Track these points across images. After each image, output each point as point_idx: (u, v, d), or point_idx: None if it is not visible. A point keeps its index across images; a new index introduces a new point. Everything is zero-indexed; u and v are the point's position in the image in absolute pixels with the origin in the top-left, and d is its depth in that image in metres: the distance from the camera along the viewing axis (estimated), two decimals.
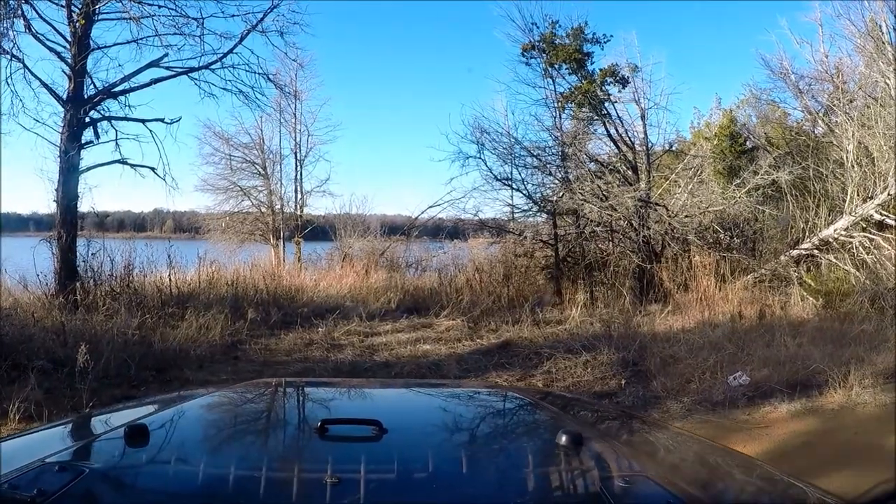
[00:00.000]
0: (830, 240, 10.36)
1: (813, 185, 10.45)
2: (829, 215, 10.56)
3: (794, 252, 10.48)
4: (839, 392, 5.59)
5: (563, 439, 1.32)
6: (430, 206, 11.83)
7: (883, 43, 10.58)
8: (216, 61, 8.66)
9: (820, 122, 10.72)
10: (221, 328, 7.64)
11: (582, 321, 9.35)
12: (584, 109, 11.46)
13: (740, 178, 10.68)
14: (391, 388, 2.65)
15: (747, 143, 11.83)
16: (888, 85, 10.02)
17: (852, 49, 10.65)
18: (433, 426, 1.66)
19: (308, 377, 5.81)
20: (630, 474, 1.25)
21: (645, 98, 10.93)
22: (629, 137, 11.17)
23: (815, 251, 10.43)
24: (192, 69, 8.66)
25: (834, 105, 10.31)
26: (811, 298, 10.04)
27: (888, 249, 10.08)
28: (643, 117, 10.95)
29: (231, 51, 8.68)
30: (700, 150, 12.05)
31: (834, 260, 10.26)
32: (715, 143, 11.90)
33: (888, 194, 9.95)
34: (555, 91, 11.67)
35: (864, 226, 10.34)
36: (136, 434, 1.33)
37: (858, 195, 10.23)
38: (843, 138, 10.18)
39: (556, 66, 11.64)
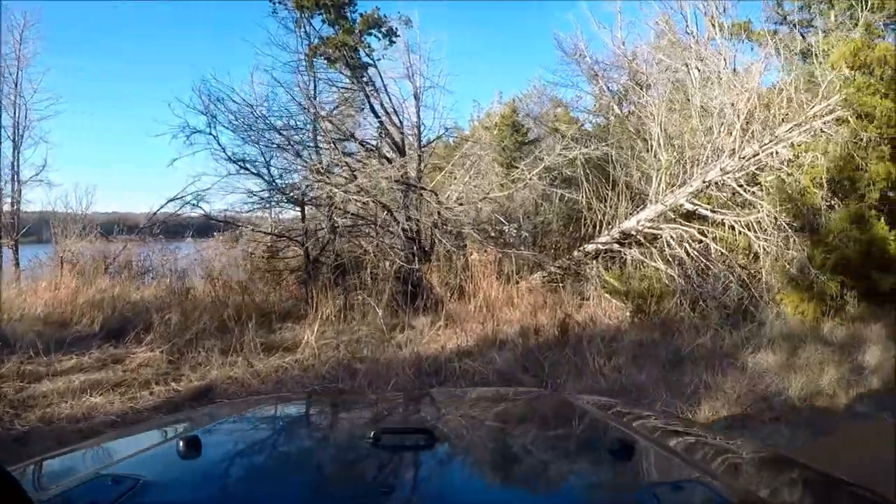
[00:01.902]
0: (633, 232, 8.21)
1: (613, 170, 8.11)
2: (631, 205, 8.27)
3: (590, 246, 8.20)
4: None
5: (615, 446, 1.23)
6: (172, 199, 7.72)
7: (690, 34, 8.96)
8: None
9: (615, 107, 8.57)
10: None
11: (323, 345, 6.24)
12: (341, 70, 8.20)
13: (528, 160, 8.16)
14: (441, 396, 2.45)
15: (529, 133, 9.24)
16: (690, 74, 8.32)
17: (653, 36, 9.05)
18: (481, 434, 1.56)
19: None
20: (683, 480, 1.15)
21: (421, 76, 8.11)
22: (398, 117, 8.24)
23: (615, 245, 8.21)
24: None
25: (630, 91, 8.26)
26: (615, 301, 7.49)
27: (707, 243, 8.00)
28: (417, 96, 8.10)
29: None
30: (479, 139, 9.25)
31: (639, 255, 7.95)
32: (496, 132, 9.21)
33: (703, 181, 7.93)
34: (309, 51, 8.19)
35: (674, 217, 8.20)
36: (190, 445, 1.23)
37: (666, 183, 8.08)
38: (648, 122, 8.06)
39: (309, 16, 8.18)
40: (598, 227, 8.24)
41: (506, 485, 1.19)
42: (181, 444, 1.23)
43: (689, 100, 8.10)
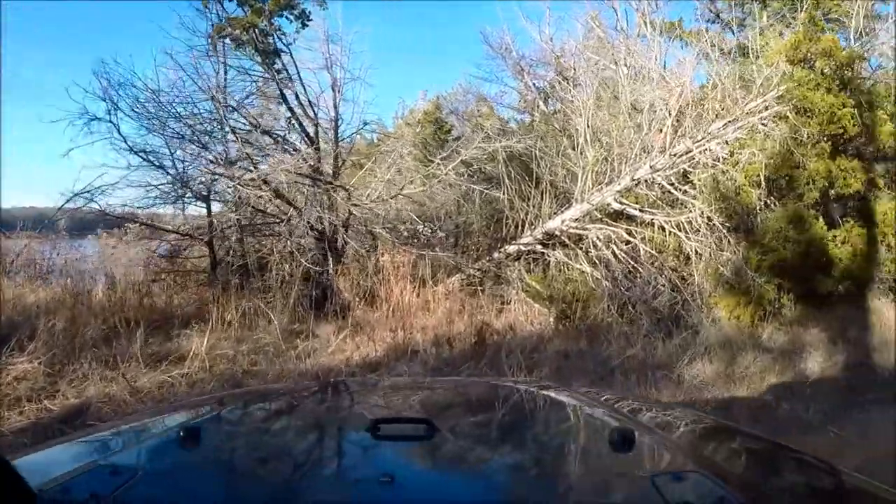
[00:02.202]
0: (558, 232, 7.52)
1: (536, 167, 7.67)
2: (556, 204, 7.81)
3: (512, 247, 7.46)
4: None
5: (615, 437, 1.22)
6: (79, 193, 6.89)
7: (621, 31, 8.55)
8: None
9: (541, 103, 8.12)
10: None
11: (217, 356, 5.48)
12: (252, 57, 7.34)
13: (444, 154, 7.40)
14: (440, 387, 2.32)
15: (453, 131, 8.80)
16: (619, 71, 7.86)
17: (582, 33, 8.57)
18: (482, 424, 1.53)
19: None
20: (683, 471, 1.15)
21: (341, 68, 7.41)
22: (314, 109, 7.51)
23: (539, 246, 7.60)
24: None
25: (557, 87, 7.81)
26: (537, 305, 7.04)
27: (636, 244, 7.53)
28: (335, 88, 7.39)
29: None
30: (402, 136, 8.79)
31: (563, 257, 7.48)
32: (418, 129, 8.78)
33: (632, 179, 7.46)
34: (214, 31, 7.29)
35: (601, 216, 7.74)
36: (190, 436, 1.23)
37: (593, 181, 7.63)
38: (574, 118, 7.61)
39: None
40: (520, 228, 7.54)
41: (505, 475, 1.17)
42: (181, 434, 1.22)
43: (617, 97, 7.60)
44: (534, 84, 7.87)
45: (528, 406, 1.83)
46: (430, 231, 6.97)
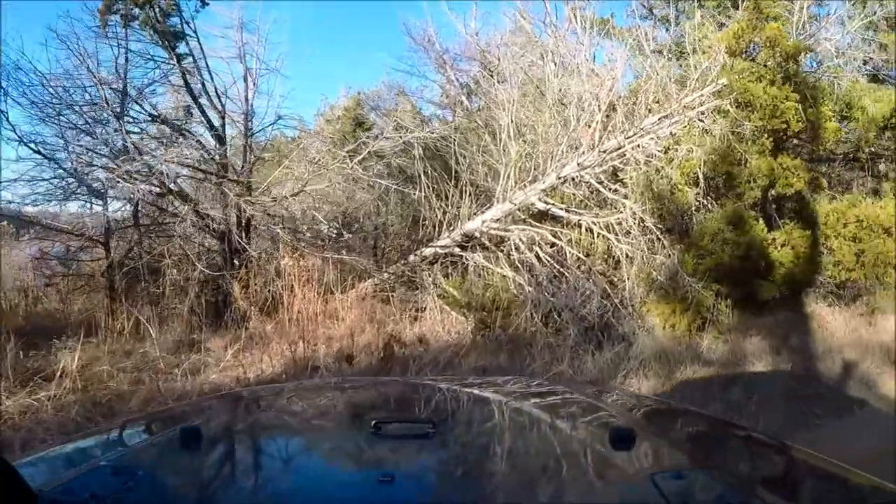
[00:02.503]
0: (478, 234, 6.70)
1: (456, 164, 7.08)
2: (476, 204, 7.22)
3: (428, 250, 6.68)
4: None
5: (616, 436, 1.17)
6: None
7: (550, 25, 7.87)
8: None
9: (464, 98, 7.54)
10: None
11: (93, 375, 4.68)
12: (152, 36, 6.56)
13: (351, 145, 6.74)
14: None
15: (374, 129, 8.07)
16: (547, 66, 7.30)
17: (509, 27, 7.98)
18: (483, 424, 1.48)
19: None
20: (684, 470, 1.12)
21: (256, 58, 6.73)
22: (220, 100, 6.72)
23: (457, 248, 6.76)
24: None
25: (481, 81, 7.25)
26: (455, 313, 6.43)
27: (562, 246, 6.94)
28: (249, 78, 6.68)
29: None
30: (320, 133, 8.13)
31: (483, 260, 6.91)
32: (338, 126, 8.19)
33: (558, 177, 6.87)
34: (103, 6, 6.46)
35: (524, 217, 7.16)
36: (190, 436, 1.17)
37: (516, 179, 7.05)
38: (498, 113, 7.04)
39: None
40: (437, 229, 6.78)
41: (507, 475, 1.11)
42: (181, 435, 1.16)
43: (543, 93, 6.72)
44: (457, 79, 7.33)
45: (529, 405, 1.71)
46: (335, 231, 6.35)
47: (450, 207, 6.76)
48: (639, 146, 6.50)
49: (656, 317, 6.48)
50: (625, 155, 6.56)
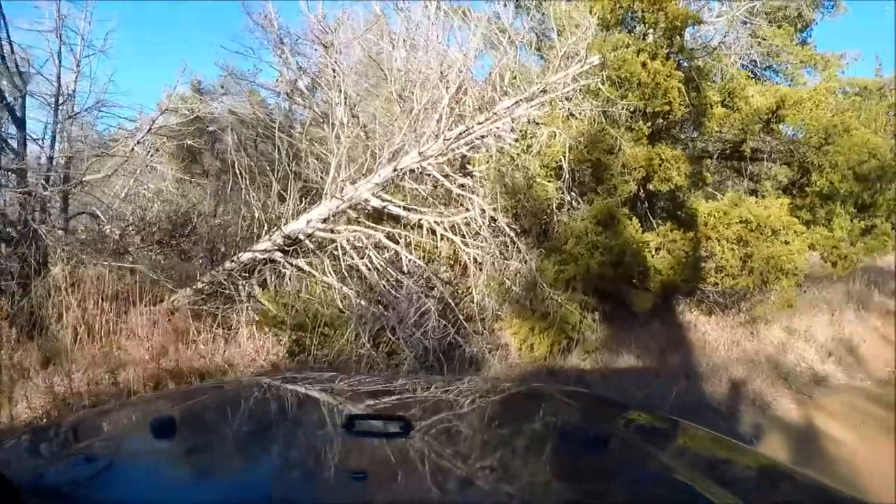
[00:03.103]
0: (303, 236, 5.24)
1: (279, 154, 5.60)
2: (306, 201, 5.60)
3: (246, 255, 5.18)
4: None
5: (590, 438, 1.15)
6: None
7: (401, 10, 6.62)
8: None
9: (300, 82, 6.32)
10: None
11: None
12: None
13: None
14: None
15: (212, 121, 6.61)
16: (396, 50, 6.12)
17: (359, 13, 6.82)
18: (457, 422, 1.38)
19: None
20: (658, 474, 1.09)
21: (80, 35, 5.28)
22: (22, 79, 5.45)
23: (278, 253, 5.26)
24: None
25: (320, 64, 6.10)
26: (268, 329, 5.18)
27: (402, 250, 5.74)
28: (60, 55, 5.15)
29: None
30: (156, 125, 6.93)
31: (307, 266, 5.37)
32: (175, 118, 6.97)
33: (395, 169, 5.27)
34: None
35: (357, 216, 5.97)
36: (164, 426, 1.12)
37: (351, 172, 5.84)
38: (332, 94, 5.84)
39: None
40: (260, 230, 5.44)
41: (480, 474, 1.05)
42: (156, 424, 1.11)
43: (387, 76, 5.56)
44: (297, 63, 6.12)
45: (507, 406, 1.62)
46: (117, 233, 5.04)
47: (273, 205, 5.55)
48: (490, 132, 5.39)
49: (511, 335, 5.33)
50: (475, 143, 5.46)
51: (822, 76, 6.11)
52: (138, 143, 5.91)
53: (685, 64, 5.37)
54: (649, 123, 5.34)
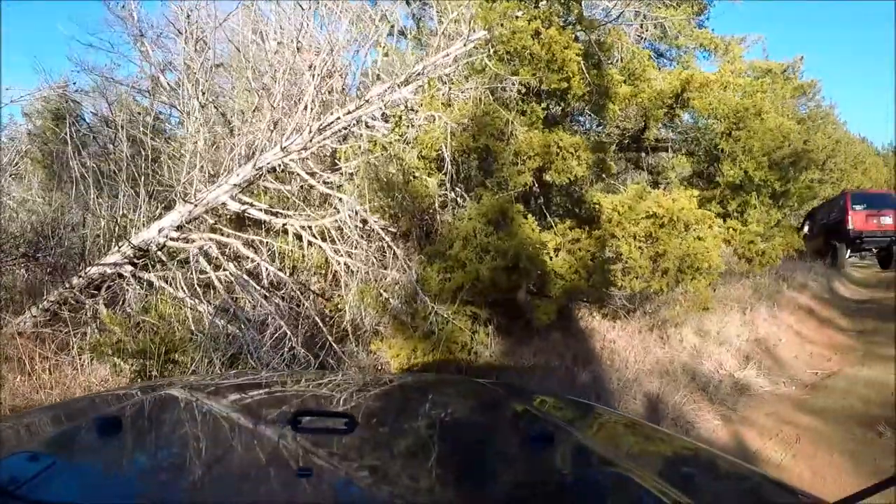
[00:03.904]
0: (155, 246, 4.30)
1: (137, 161, 4.89)
2: (161, 206, 5.03)
3: (94, 269, 4.27)
4: None
5: (536, 435, 1.11)
6: None
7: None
8: None
9: (161, 76, 5.45)
10: None
11: None
12: None
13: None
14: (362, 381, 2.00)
15: (82, 125, 5.77)
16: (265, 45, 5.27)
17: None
18: (402, 419, 1.37)
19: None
20: (604, 472, 1.04)
21: None
22: None
23: (128, 266, 4.31)
24: None
25: (186, 60, 5.24)
26: (115, 360, 4.20)
27: (260, 261, 4.78)
28: None
29: None
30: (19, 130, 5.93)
31: (158, 281, 4.58)
32: (39, 123, 6.01)
33: (255, 167, 4.50)
34: None
35: (215, 222, 5.03)
36: (108, 425, 1.09)
37: (210, 172, 4.91)
38: (188, 86, 4.93)
39: None
40: (109, 242, 4.63)
41: (424, 471, 1.03)
42: (100, 422, 1.10)
43: (254, 69, 4.82)
44: (160, 57, 5.23)
45: (452, 402, 1.57)
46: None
47: (128, 212, 4.59)
48: (361, 120, 4.55)
49: (391, 358, 4.47)
50: (345, 134, 4.61)
51: (725, 60, 5.51)
52: None
53: (584, 37, 4.64)
54: (544, 105, 4.56)
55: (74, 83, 4.96)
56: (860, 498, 0.74)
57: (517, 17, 3.97)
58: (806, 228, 10.96)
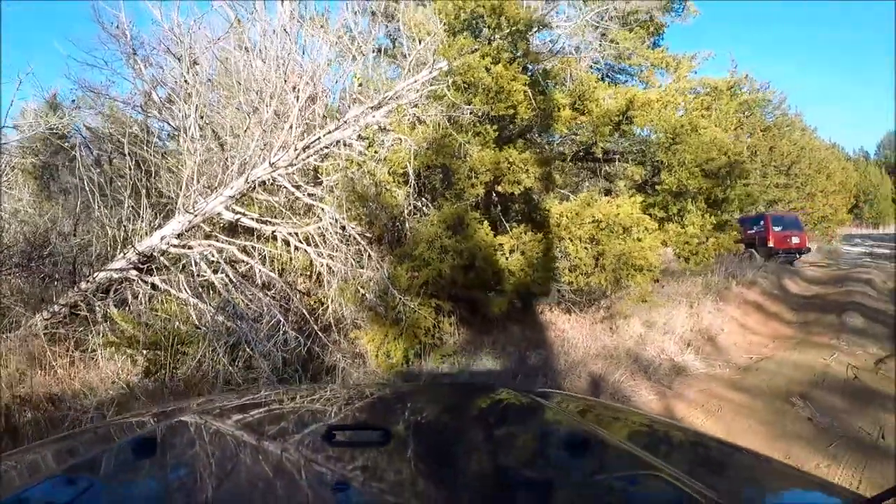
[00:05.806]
0: (157, 253, 4.91)
1: (138, 175, 5.64)
2: (161, 216, 5.84)
3: (102, 274, 4.87)
4: None
5: (571, 440, 1.12)
6: None
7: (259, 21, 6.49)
8: None
9: (154, 94, 6.11)
10: None
11: None
12: None
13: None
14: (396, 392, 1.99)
15: (72, 138, 6.30)
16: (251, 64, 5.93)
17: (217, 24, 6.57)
18: (437, 431, 1.36)
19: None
20: (640, 474, 1.02)
21: None
22: None
23: (133, 271, 4.95)
24: None
25: (178, 77, 5.91)
26: (124, 350, 4.95)
27: (257, 263, 5.58)
28: None
29: None
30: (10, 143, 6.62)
31: (162, 284, 4.91)
32: (29, 135, 6.67)
33: (247, 181, 4.85)
34: None
35: (211, 230, 5.82)
36: (145, 445, 1.11)
37: (205, 185, 5.69)
38: (183, 105, 5.64)
39: None
40: (115, 248, 5.21)
41: (460, 483, 1.02)
42: (137, 444, 1.11)
43: (240, 84, 5.38)
44: (153, 75, 5.90)
45: (487, 412, 1.56)
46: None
47: (126, 221, 5.34)
48: (340, 141, 5.34)
49: (367, 343, 5.25)
50: (325, 152, 5.39)
51: (674, 77, 6.31)
52: None
53: (531, 68, 5.43)
54: (496, 127, 5.32)
55: (73, 101, 5.62)
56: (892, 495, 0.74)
57: (474, 51, 4.75)
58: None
